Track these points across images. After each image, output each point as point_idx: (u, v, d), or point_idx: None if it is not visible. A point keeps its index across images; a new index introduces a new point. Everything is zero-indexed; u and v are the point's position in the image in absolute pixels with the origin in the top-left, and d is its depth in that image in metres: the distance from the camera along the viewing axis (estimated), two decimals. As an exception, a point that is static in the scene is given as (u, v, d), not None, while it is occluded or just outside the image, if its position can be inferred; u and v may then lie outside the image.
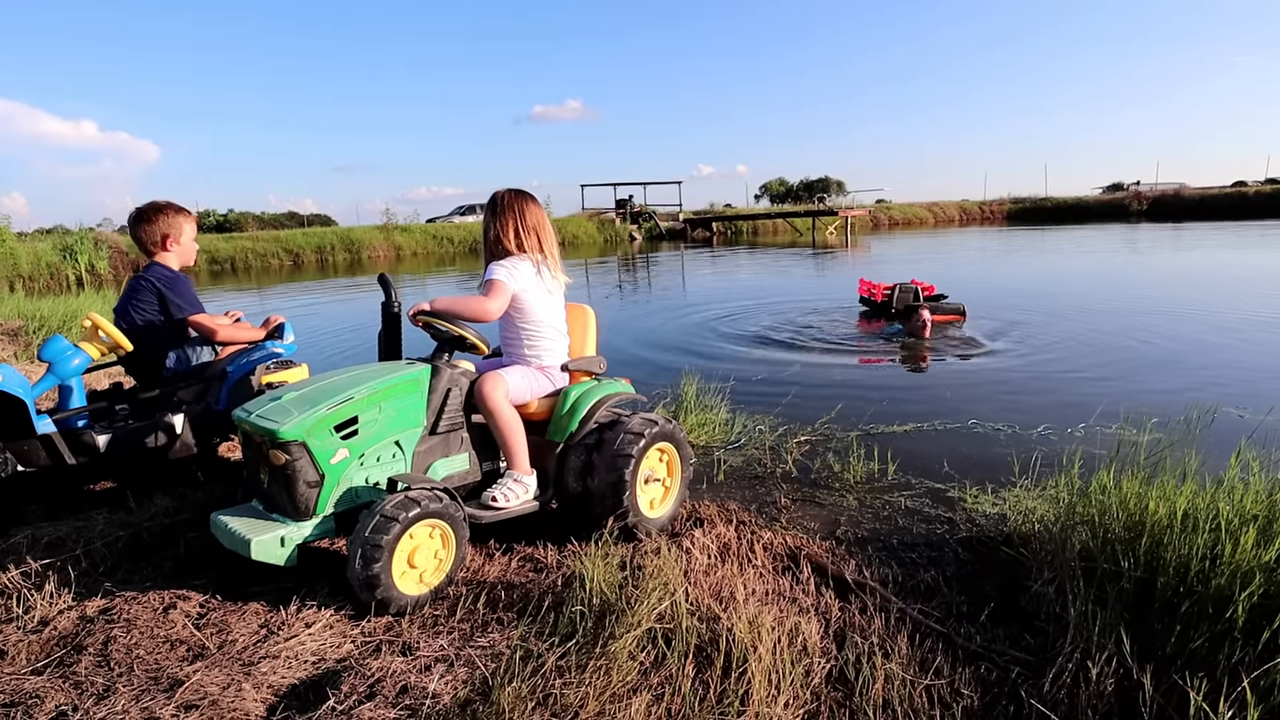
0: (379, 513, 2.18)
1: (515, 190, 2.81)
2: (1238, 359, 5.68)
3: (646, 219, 36.84)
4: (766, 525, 2.94)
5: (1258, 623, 1.80)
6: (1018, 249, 19.88)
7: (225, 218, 42.93)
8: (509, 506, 2.60)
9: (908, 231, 34.70)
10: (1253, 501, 2.17)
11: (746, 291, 12.48)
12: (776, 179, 71.91)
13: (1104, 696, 1.77)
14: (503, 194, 2.79)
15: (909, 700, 1.81)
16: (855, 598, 2.33)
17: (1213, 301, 8.72)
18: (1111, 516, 2.34)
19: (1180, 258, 16.07)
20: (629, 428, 2.71)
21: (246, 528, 2.29)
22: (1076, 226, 30.30)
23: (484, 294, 2.63)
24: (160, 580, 2.50)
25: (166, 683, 1.93)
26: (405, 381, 2.50)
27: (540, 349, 2.79)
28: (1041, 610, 2.17)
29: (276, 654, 2.05)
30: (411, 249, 29.85)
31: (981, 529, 2.84)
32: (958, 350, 6.44)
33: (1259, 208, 31.96)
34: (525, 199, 2.79)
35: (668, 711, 1.75)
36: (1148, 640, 1.93)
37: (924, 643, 2.06)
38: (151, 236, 3.32)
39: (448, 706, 1.80)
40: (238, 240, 27.73)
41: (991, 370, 5.59)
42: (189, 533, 2.77)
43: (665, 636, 1.99)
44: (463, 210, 38.66)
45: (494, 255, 2.76)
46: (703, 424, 4.13)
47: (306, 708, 1.84)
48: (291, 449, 2.25)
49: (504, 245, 2.74)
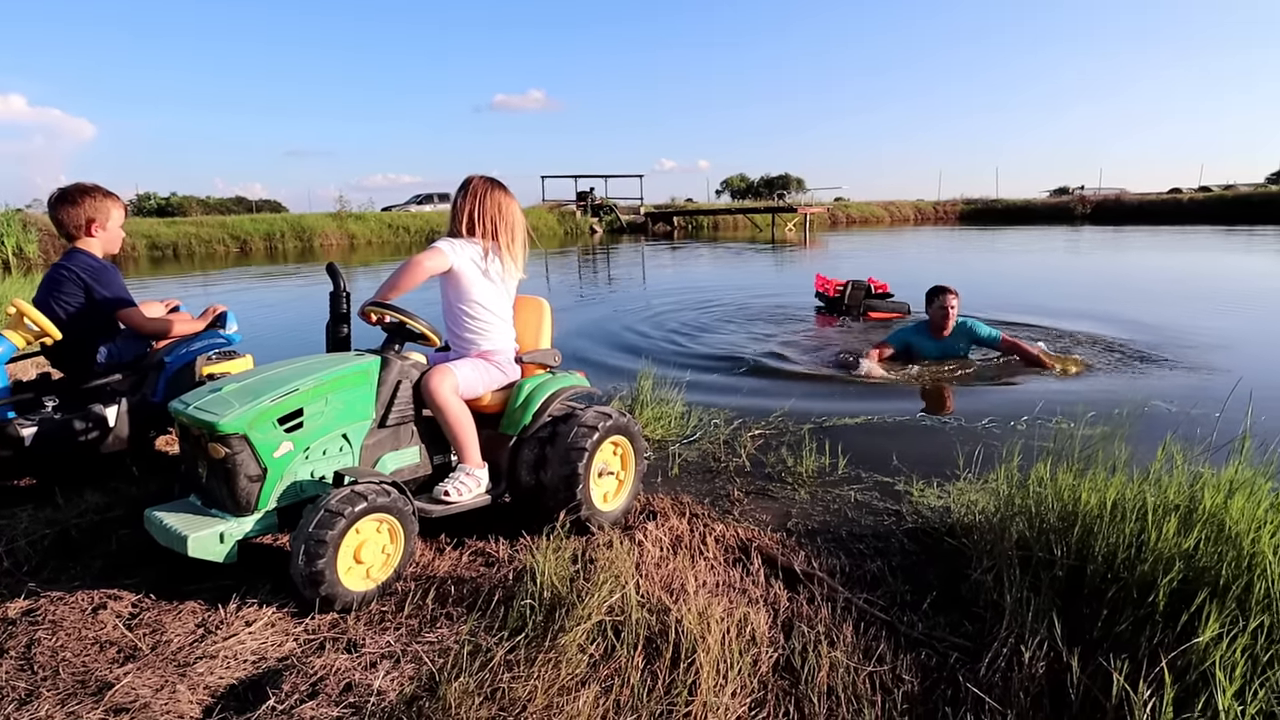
0: (324, 507, 2.14)
1: (488, 178, 2.80)
2: (1174, 355, 5.89)
3: (607, 212, 36.77)
4: (719, 518, 2.96)
5: (1177, 607, 1.88)
6: (970, 248, 20.38)
7: (168, 201, 41.53)
8: (460, 501, 2.57)
9: (865, 230, 35.24)
10: (1175, 492, 2.26)
11: (706, 286, 12.52)
12: (738, 175, 72.56)
13: (1035, 679, 1.83)
14: (474, 179, 2.78)
15: (852, 687, 1.85)
16: (804, 588, 2.37)
17: (1153, 299, 9.03)
18: (1047, 507, 2.41)
19: (1122, 259, 16.63)
20: (583, 421, 2.71)
21: (183, 524, 2.23)
22: (1025, 227, 31.10)
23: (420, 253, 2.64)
24: (89, 580, 2.42)
25: (95, 686, 1.87)
26: (353, 373, 2.46)
27: (480, 335, 2.77)
28: (980, 598, 2.23)
29: (214, 654, 2.00)
30: (366, 238, 29.30)
31: (926, 520, 2.91)
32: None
33: (1192, 213, 33.20)
34: (494, 188, 2.77)
35: (616, 703, 1.76)
36: (1077, 625, 1.99)
37: (868, 631, 2.10)
38: (75, 220, 3.14)
39: (393, 703, 1.78)
40: (181, 225, 26.85)
41: (938, 366, 5.71)
42: (121, 530, 2.68)
43: (615, 629, 2.00)
44: (420, 199, 38.06)
45: (450, 234, 2.77)
46: (658, 418, 4.14)
47: (245, 708, 1.80)
48: (232, 442, 2.20)
49: (458, 226, 2.74)
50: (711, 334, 7.55)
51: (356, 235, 29.15)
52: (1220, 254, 16.87)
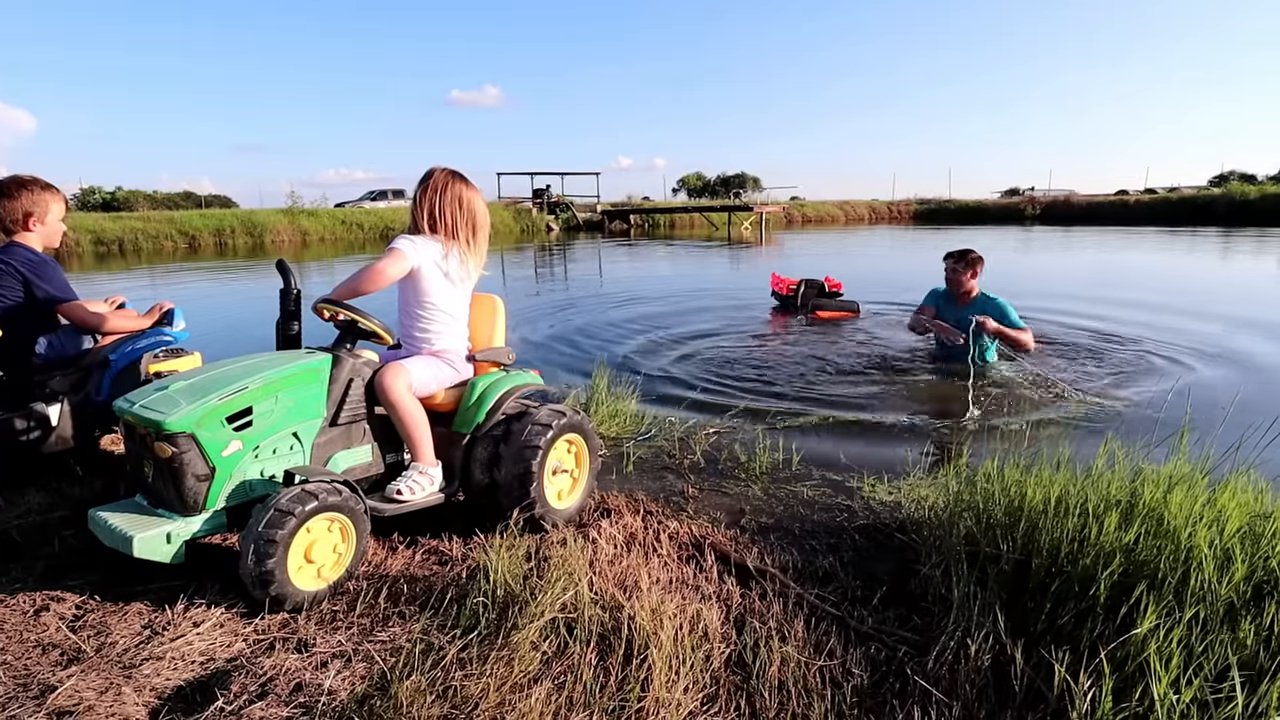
0: (273, 506, 2.11)
1: (450, 171, 2.75)
2: (1122, 353, 6.08)
3: (564, 209, 36.62)
4: (673, 515, 2.98)
5: (1117, 599, 1.94)
6: (924, 247, 20.76)
7: (113, 195, 40.14)
8: (413, 499, 2.55)
9: (820, 229, 35.63)
10: (1117, 487, 2.34)
11: (662, 284, 12.57)
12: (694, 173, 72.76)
13: (981, 671, 1.88)
14: (435, 171, 2.73)
15: (803, 681, 1.88)
16: (756, 584, 2.40)
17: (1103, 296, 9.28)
18: (994, 503, 2.48)
19: (1073, 258, 17.10)
20: (537, 419, 2.70)
21: (129, 524, 2.18)
22: (977, 227, 31.77)
23: (379, 259, 2.59)
24: (31, 581, 2.35)
25: (37, 689, 1.82)
26: (304, 371, 2.42)
27: (432, 333, 2.75)
28: (929, 592, 2.28)
29: (161, 655, 1.97)
30: (319, 234, 28.75)
31: (878, 516, 2.96)
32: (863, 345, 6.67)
33: (1138, 215, 34.26)
34: (455, 181, 2.72)
35: (568, 700, 1.76)
36: (1022, 618, 2.05)
37: (819, 626, 2.13)
38: (12, 214, 3.03)
39: (344, 703, 1.76)
40: (126, 220, 26.04)
41: (892, 364, 5.81)
42: (65, 530, 2.61)
43: (568, 626, 2.01)
44: (374, 195, 37.49)
45: (410, 230, 2.72)
46: (613, 415, 4.15)
47: (193, 709, 1.77)
48: (179, 441, 2.15)
49: (418, 222, 2.70)
50: (667, 332, 7.57)
51: (309, 231, 28.59)
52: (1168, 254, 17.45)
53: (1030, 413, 4.44)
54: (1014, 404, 4.62)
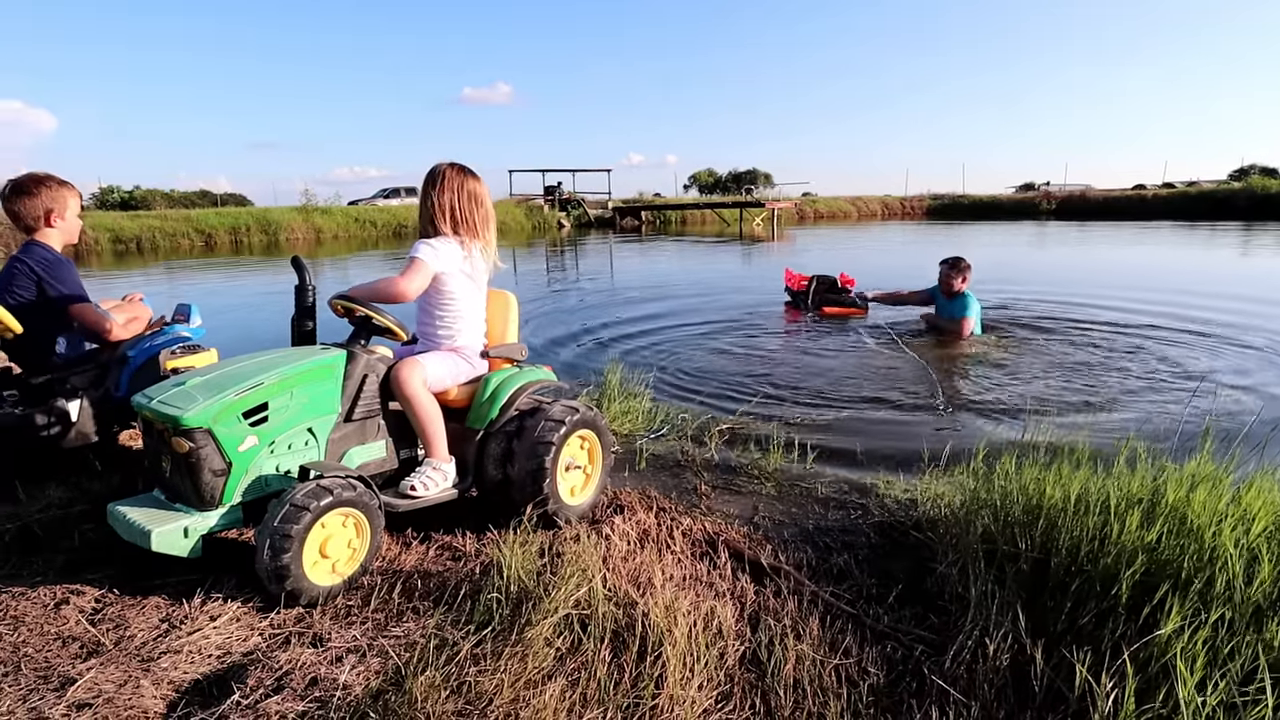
0: (289, 501, 2.11)
1: (456, 165, 2.70)
2: (1143, 350, 6.01)
3: (575, 206, 36.61)
4: (686, 512, 2.97)
5: (1140, 599, 1.92)
6: (937, 243, 20.61)
7: (131, 195, 40.52)
8: (427, 495, 2.55)
9: (832, 225, 35.47)
10: (1138, 485, 2.30)
11: (674, 281, 12.53)
12: (705, 169, 72.48)
13: (1000, 671, 1.86)
14: (442, 168, 2.68)
15: (818, 680, 1.87)
16: (770, 581, 2.38)
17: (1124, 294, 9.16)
18: (1012, 501, 2.45)
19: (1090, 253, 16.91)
20: (550, 415, 2.70)
21: (147, 518, 2.19)
22: (991, 223, 31.52)
23: (403, 273, 2.57)
24: (52, 575, 2.38)
25: (57, 681, 1.84)
26: (319, 367, 2.43)
27: (454, 330, 2.75)
28: (945, 591, 2.26)
29: (178, 649, 1.98)
30: (333, 231, 28.88)
31: (893, 514, 2.94)
32: (876, 342, 6.63)
33: (1156, 210, 33.83)
34: (465, 175, 2.69)
35: (582, 696, 1.76)
36: (1041, 617, 2.03)
37: (834, 624, 2.12)
38: (33, 212, 3.05)
39: (359, 697, 1.76)
40: (144, 219, 26.25)
41: (908, 361, 5.77)
42: (84, 525, 2.63)
43: (582, 622, 2.00)
44: (387, 193, 37.65)
45: (425, 232, 2.69)
46: (626, 412, 4.14)
47: (210, 703, 1.78)
48: (195, 436, 2.16)
49: (435, 223, 2.67)
50: (680, 329, 7.56)
51: (323, 229, 28.72)
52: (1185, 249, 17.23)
53: (1047, 411, 4.39)
54: (1026, 401, 4.57)
